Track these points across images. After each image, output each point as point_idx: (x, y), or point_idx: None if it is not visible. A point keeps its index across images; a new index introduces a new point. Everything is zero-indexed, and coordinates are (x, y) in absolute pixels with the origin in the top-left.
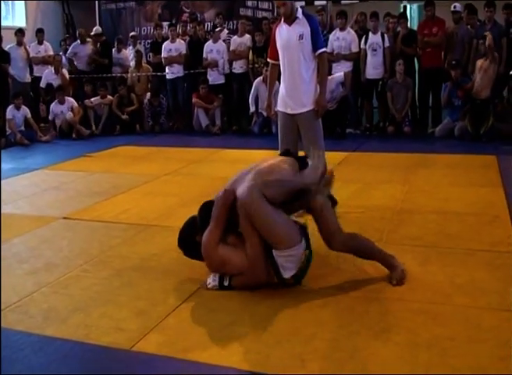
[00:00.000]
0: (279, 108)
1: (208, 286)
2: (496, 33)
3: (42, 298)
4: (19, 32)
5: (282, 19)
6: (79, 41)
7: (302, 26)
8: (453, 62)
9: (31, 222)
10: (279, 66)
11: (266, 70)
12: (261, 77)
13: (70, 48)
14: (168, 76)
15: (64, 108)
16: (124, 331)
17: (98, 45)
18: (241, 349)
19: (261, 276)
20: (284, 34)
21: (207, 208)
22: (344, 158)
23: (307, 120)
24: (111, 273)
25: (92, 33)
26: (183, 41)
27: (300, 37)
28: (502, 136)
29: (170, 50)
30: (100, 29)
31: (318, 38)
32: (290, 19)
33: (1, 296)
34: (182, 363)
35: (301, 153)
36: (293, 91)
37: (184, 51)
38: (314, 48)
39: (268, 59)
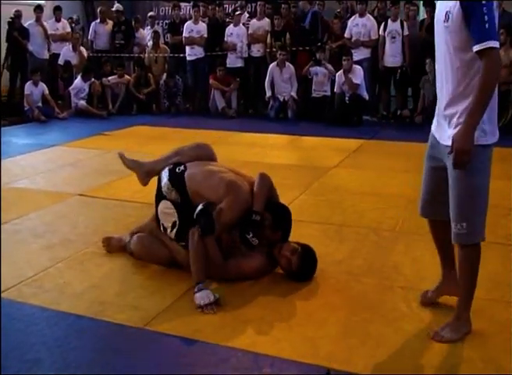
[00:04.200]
0: (432, 129)
1: None
2: (506, 21)
3: (57, 273)
4: (38, 8)
5: None
6: (98, 20)
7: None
8: None
9: (47, 197)
10: None
11: (280, 54)
12: (276, 62)
13: (90, 28)
14: (188, 58)
15: (85, 86)
16: (138, 309)
17: (116, 22)
18: (252, 332)
19: None
20: (436, 11)
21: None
22: (360, 145)
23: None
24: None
25: (113, 9)
26: (204, 24)
27: (446, 16)
28: None
29: (192, 31)
30: (121, 6)
31: (477, 22)
32: None
33: (16, 270)
34: (194, 343)
35: None
36: (440, 106)
37: (205, 34)
38: (471, 38)
39: None
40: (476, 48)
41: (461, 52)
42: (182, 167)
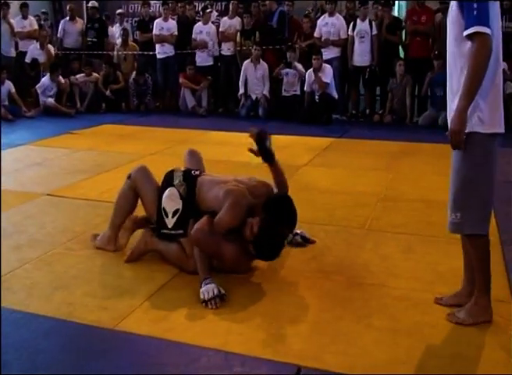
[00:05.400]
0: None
1: None
2: None
3: (25, 274)
4: (5, 5)
5: None
6: (67, 18)
7: None
8: (436, 53)
9: (15, 197)
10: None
11: (256, 49)
12: (250, 58)
13: (60, 26)
14: (158, 56)
15: (53, 84)
16: (108, 310)
17: (89, 19)
18: (223, 331)
19: None
20: None
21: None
22: (330, 143)
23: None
24: (95, 251)
25: (89, 5)
26: (174, 21)
27: (449, 10)
28: None
29: (162, 28)
30: (96, 3)
31: (467, 11)
32: None
33: None
34: (164, 343)
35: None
36: (449, 101)
37: (176, 32)
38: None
39: None
40: (465, 33)
41: (461, 43)
42: (197, 172)
